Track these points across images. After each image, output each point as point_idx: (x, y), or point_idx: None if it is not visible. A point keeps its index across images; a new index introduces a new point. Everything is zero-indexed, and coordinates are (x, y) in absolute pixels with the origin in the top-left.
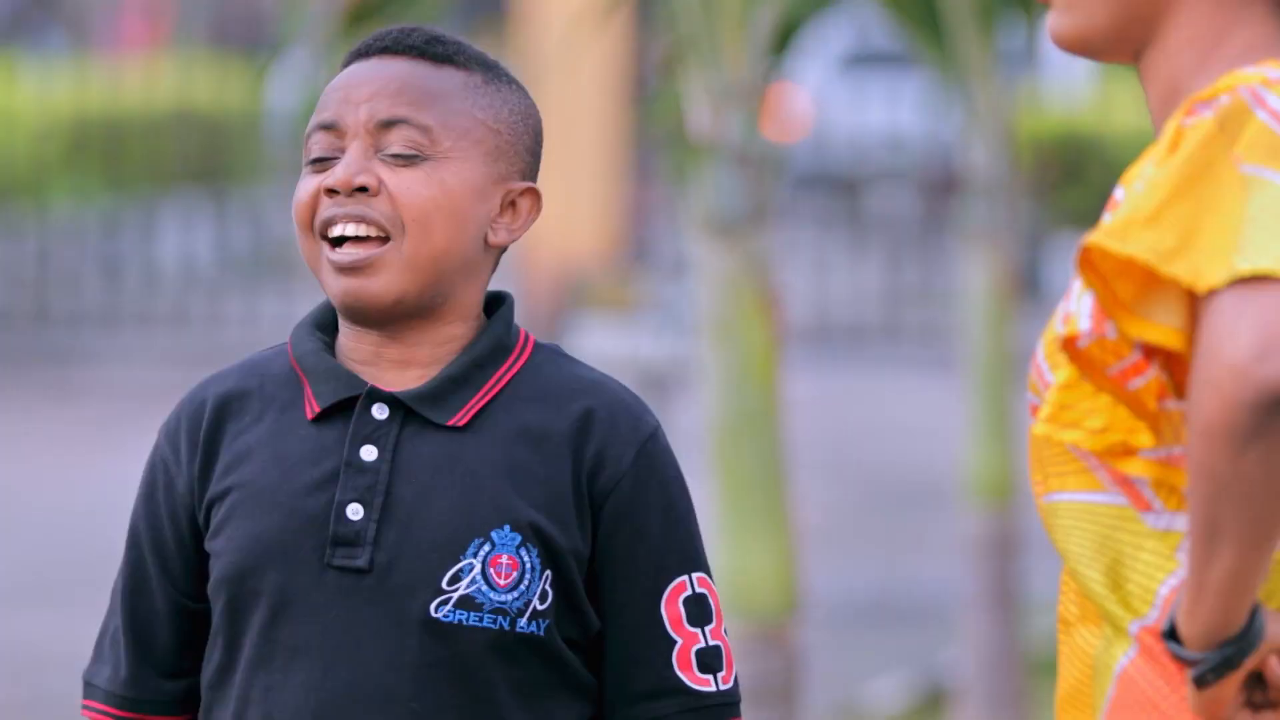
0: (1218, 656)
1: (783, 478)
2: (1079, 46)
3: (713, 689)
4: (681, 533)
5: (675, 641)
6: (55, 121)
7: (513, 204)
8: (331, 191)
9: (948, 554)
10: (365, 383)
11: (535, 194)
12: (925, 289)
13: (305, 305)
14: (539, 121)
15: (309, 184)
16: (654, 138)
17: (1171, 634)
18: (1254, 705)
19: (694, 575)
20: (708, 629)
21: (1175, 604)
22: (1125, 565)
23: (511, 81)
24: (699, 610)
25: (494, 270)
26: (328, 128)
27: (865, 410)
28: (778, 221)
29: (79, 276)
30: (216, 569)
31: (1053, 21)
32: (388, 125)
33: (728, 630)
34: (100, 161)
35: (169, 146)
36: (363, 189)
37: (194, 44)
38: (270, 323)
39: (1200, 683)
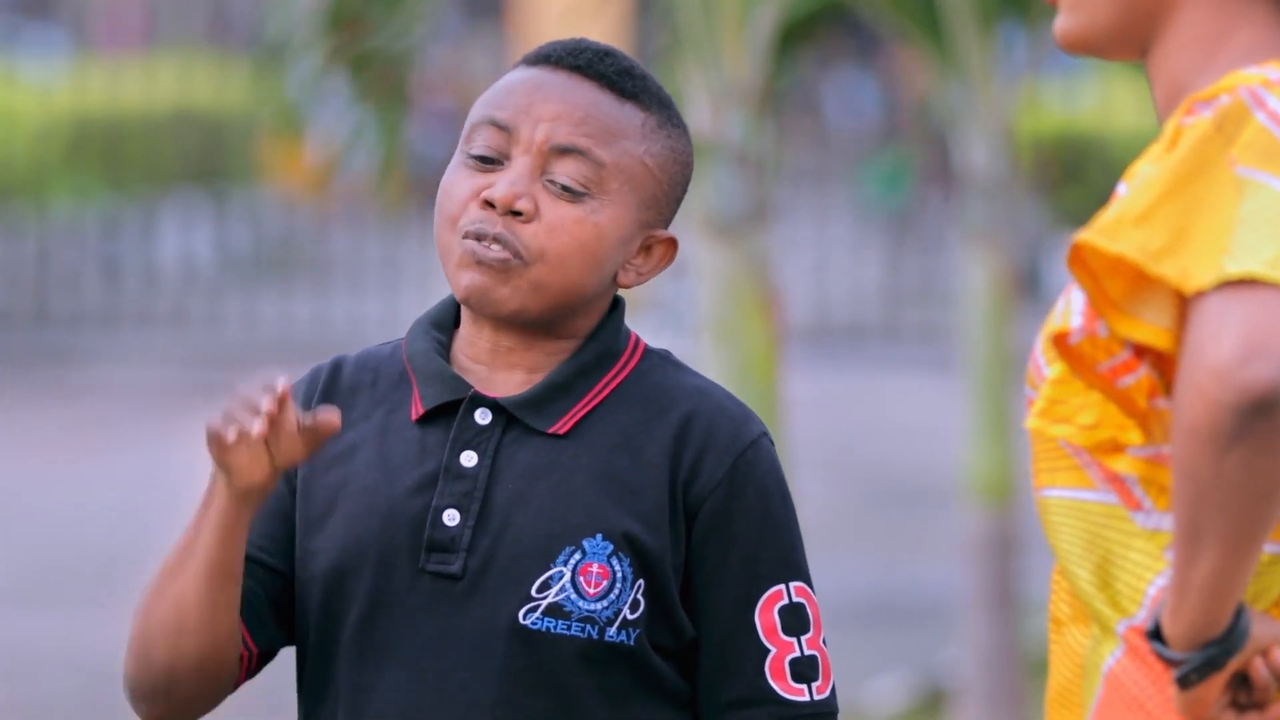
0: (1201, 657)
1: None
2: (1084, 46)
3: (806, 699)
4: (778, 541)
5: (769, 650)
6: (55, 121)
7: (648, 248)
8: (487, 203)
9: (948, 554)
10: (469, 386)
11: (673, 243)
12: (925, 289)
13: (305, 305)
14: (692, 166)
15: (466, 183)
16: None
17: (1156, 634)
18: (1239, 706)
19: (791, 584)
20: (804, 638)
21: (1160, 604)
22: (1114, 564)
23: (681, 124)
24: (795, 619)
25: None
26: (500, 127)
27: (865, 410)
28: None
29: (79, 276)
30: (314, 565)
31: (1058, 23)
32: (562, 152)
33: (826, 641)
34: (100, 161)
35: (169, 146)
36: (518, 213)
37: (192, 43)
38: (270, 323)
39: (1184, 683)
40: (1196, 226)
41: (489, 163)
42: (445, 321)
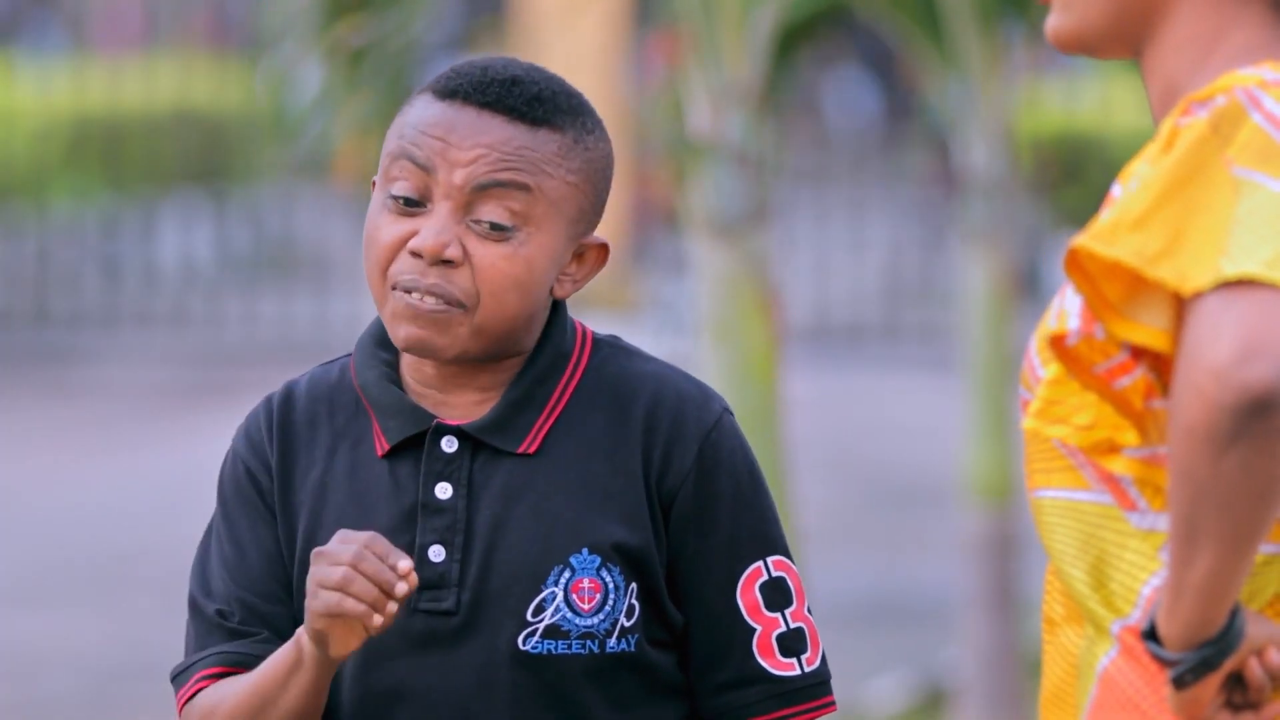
0: (1196, 657)
1: (783, 477)
2: (1077, 45)
3: (796, 673)
4: (752, 519)
5: (754, 629)
6: (55, 121)
7: (580, 255)
8: (416, 253)
9: (948, 554)
10: (431, 416)
11: (604, 249)
12: (925, 289)
13: (305, 305)
14: (614, 161)
15: (391, 228)
16: (654, 137)
17: (1151, 634)
18: (1234, 706)
19: (769, 559)
20: (788, 612)
21: (1155, 604)
22: (1109, 564)
23: (595, 128)
24: (777, 594)
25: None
26: (418, 165)
27: (865, 410)
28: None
29: (79, 276)
30: (304, 616)
31: (1051, 21)
32: (484, 194)
33: (811, 609)
34: (100, 161)
35: (169, 146)
36: (448, 260)
37: (192, 43)
38: (270, 323)
39: (1179, 683)
40: (1193, 228)
41: (411, 204)
42: (389, 339)
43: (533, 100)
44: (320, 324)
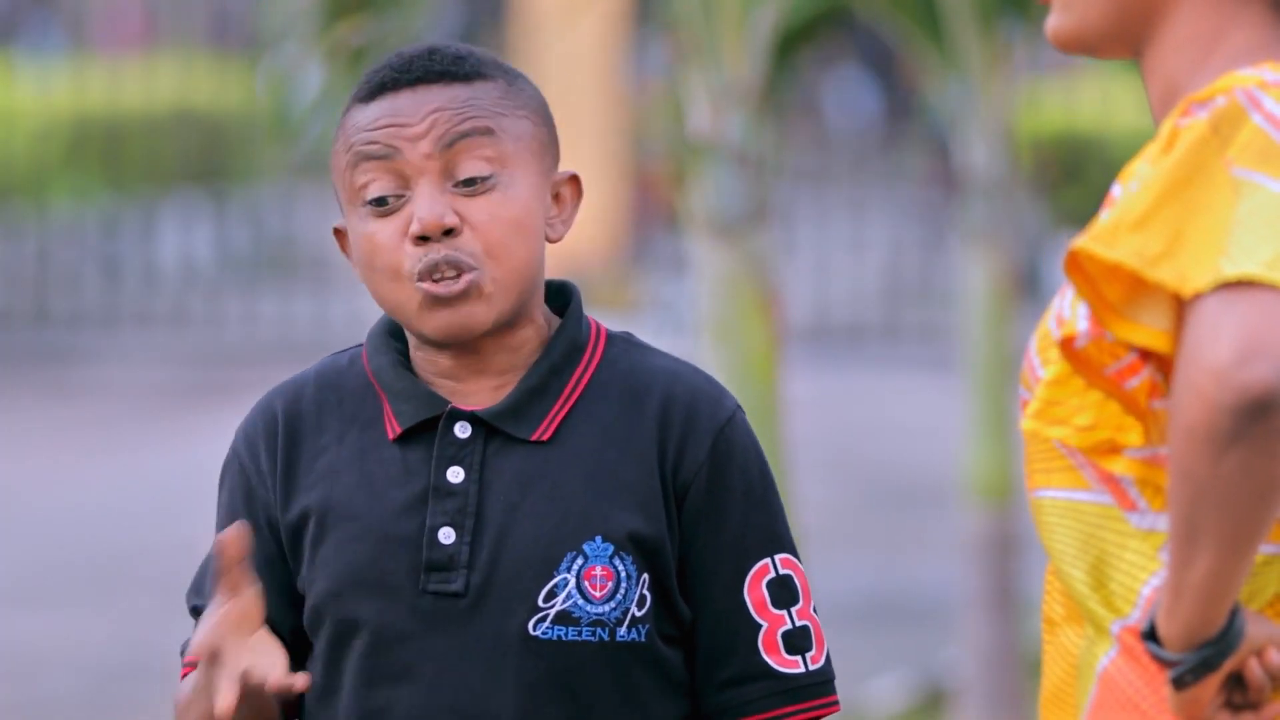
0: (1196, 658)
1: (783, 477)
2: (1077, 45)
3: (801, 670)
4: (762, 516)
5: (760, 626)
6: (55, 121)
7: (557, 195)
8: (419, 238)
9: (948, 554)
10: (446, 401)
11: (576, 181)
12: (925, 289)
13: (305, 305)
14: (548, 104)
15: (385, 229)
16: (654, 137)
17: (1151, 634)
18: (1233, 706)
19: (777, 557)
20: (794, 610)
21: (1155, 605)
22: (1109, 564)
23: (520, 75)
24: (784, 592)
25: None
26: (379, 159)
27: (865, 410)
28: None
29: (79, 276)
30: (311, 597)
31: (1051, 21)
32: (454, 151)
33: (816, 609)
34: (100, 161)
35: (169, 146)
36: (448, 230)
37: (192, 43)
38: (270, 323)
39: (1179, 684)
40: (1193, 229)
41: (390, 201)
42: (401, 330)
43: (457, 59)
44: (320, 324)
